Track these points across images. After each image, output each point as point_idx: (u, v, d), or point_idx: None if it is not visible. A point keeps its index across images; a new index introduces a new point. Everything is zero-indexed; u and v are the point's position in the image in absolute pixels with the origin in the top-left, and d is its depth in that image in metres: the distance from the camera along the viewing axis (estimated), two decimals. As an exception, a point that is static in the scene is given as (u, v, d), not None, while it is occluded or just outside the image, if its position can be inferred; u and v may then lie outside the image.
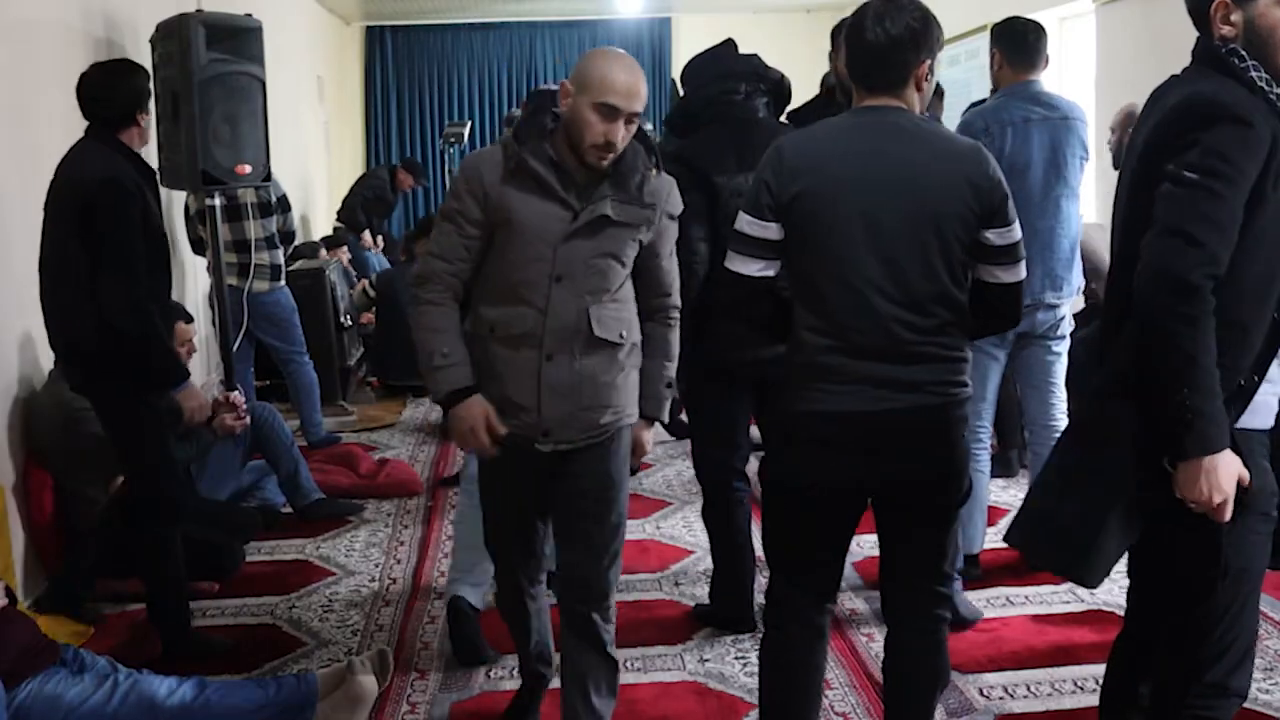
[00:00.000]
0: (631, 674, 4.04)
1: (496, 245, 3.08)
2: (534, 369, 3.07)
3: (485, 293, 3.13)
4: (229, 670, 4.10)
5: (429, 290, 3.11)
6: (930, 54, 2.81)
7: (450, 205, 3.12)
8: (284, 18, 9.55)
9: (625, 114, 2.95)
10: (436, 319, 3.11)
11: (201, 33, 5.60)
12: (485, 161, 3.10)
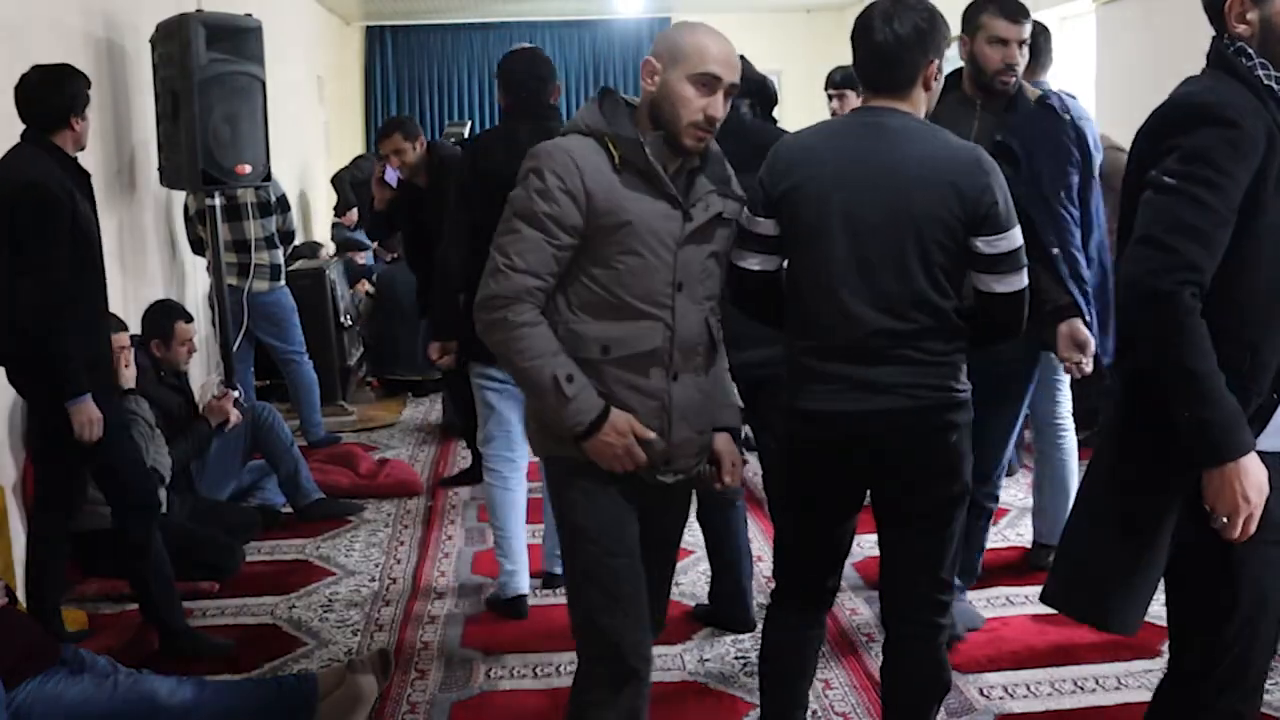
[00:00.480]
0: (631, 674, 4.04)
1: (600, 253, 2.69)
2: (662, 391, 2.75)
3: (589, 308, 2.72)
4: (229, 670, 4.10)
5: (521, 311, 2.66)
6: (939, 54, 2.81)
7: (534, 207, 2.66)
8: (284, 17, 9.55)
9: (725, 85, 2.68)
10: (542, 342, 2.67)
11: (201, 33, 5.62)
12: (579, 154, 2.69)
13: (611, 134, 2.70)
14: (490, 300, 2.69)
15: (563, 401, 2.66)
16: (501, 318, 2.67)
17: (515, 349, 2.68)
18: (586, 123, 2.75)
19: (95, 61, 5.75)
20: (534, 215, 2.66)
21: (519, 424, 4.53)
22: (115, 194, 5.94)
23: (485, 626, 4.47)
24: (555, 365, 2.66)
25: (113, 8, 5.97)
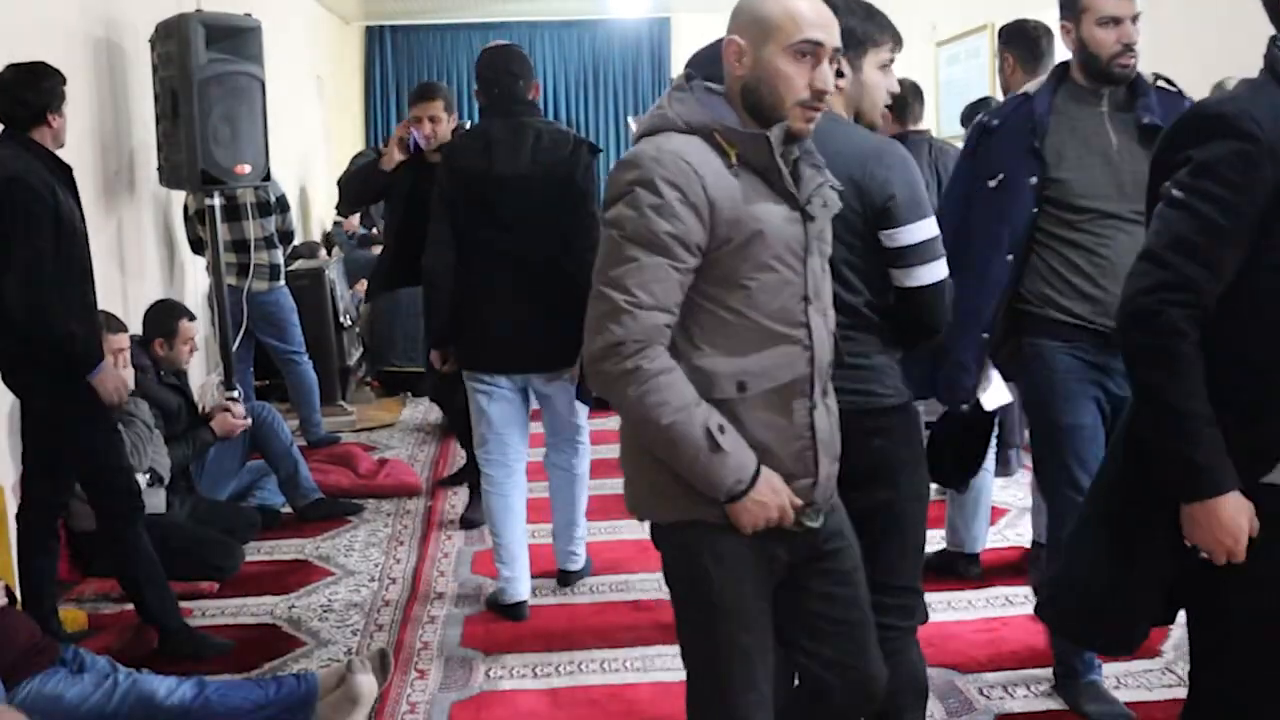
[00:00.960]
0: (632, 674, 4.05)
1: (727, 272, 2.31)
2: (805, 426, 2.39)
3: (718, 338, 2.33)
4: (229, 670, 4.09)
5: (655, 357, 2.25)
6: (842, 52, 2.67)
7: (653, 227, 2.24)
8: (283, 17, 9.55)
9: (829, 51, 2.32)
10: (683, 391, 2.26)
11: (201, 32, 5.62)
12: (695, 157, 2.29)
13: (723, 128, 2.33)
14: (616, 349, 2.25)
15: (718, 458, 2.26)
16: (634, 367, 2.24)
17: (654, 402, 2.25)
18: (685, 117, 2.36)
19: (94, 61, 5.76)
20: (654, 238, 2.24)
21: (514, 427, 4.53)
22: (114, 193, 5.94)
23: (484, 626, 4.47)
24: (703, 416, 2.26)
25: (112, 8, 5.97)
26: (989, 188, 3.50)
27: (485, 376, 4.42)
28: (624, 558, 5.04)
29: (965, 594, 4.53)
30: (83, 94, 5.50)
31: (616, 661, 4.15)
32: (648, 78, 14.10)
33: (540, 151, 4.29)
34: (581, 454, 4.68)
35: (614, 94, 14.06)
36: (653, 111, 2.43)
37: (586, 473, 4.74)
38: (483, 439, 4.53)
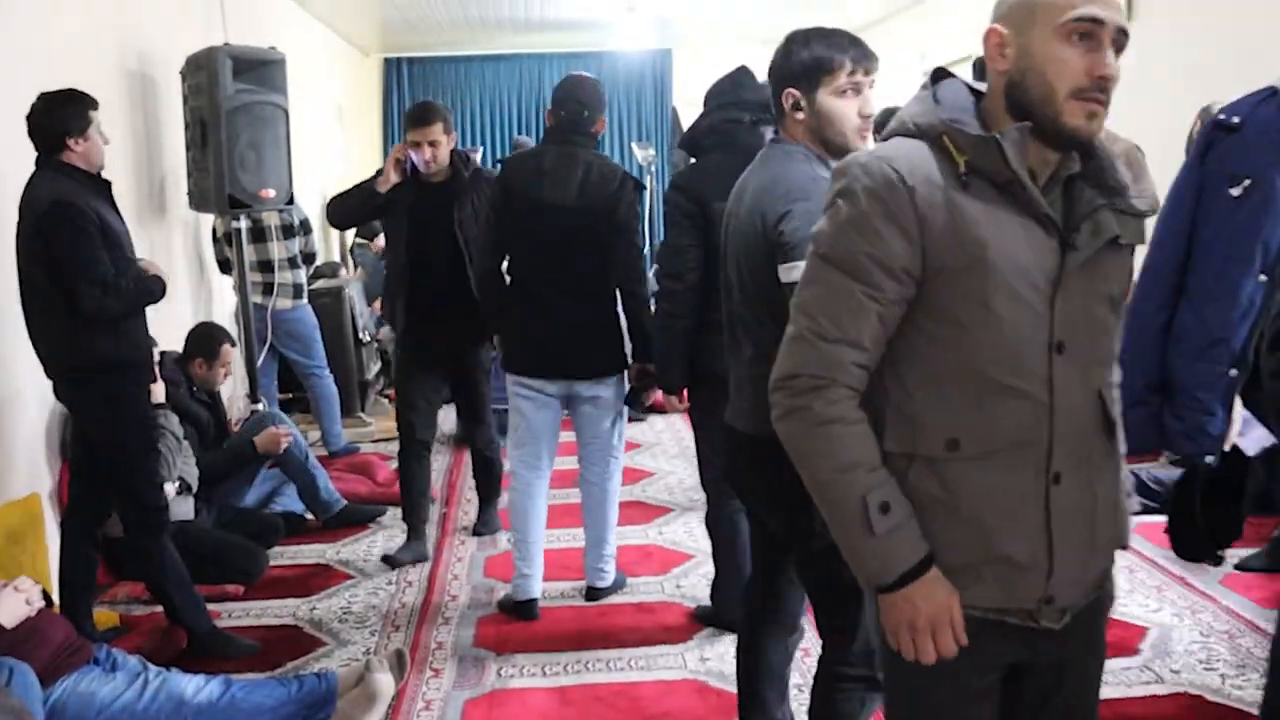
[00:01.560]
0: (636, 672, 4.03)
1: (942, 304, 1.84)
2: (1038, 498, 1.87)
3: (929, 383, 1.87)
4: (253, 669, 4.09)
5: (834, 399, 1.84)
6: (790, 84, 2.72)
7: (849, 246, 1.83)
8: (306, 50, 9.56)
9: (1112, 30, 1.81)
10: (857, 449, 1.84)
11: (229, 65, 5.64)
12: (905, 164, 1.84)
13: (950, 130, 1.85)
14: (790, 381, 1.87)
15: (864, 539, 1.83)
16: (805, 406, 1.84)
17: (814, 451, 1.86)
18: (915, 118, 1.91)
19: (129, 92, 5.77)
20: (849, 258, 1.83)
21: (549, 433, 4.57)
22: (147, 216, 5.94)
23: (496, 627, 4.46)
24: (868, 485, 1.83)
25: (146, 42, 5.98)
26: (1231, 196, 2.93)
27: (529, 381, 4.44)
28: (628, 562, 5.03)
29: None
30: (118, 123, 5.51)
31: (621, 661, 4.13)
32: (650, 106, 14.12)
33: (589, 184, 4.32)
34: (613, 470, 4.65)
35: (619, 121, 14.06)
36: (899, 113, 1.98)
37: (618, 490, 4.71)
38: (520, 441, 4.55)
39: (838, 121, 2.71)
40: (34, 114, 3.95)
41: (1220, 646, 4.05)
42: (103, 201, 3.96)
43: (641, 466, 6.70)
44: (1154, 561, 4.84)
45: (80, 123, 3.95)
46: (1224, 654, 3.99)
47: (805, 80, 2.70)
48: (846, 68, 2.69)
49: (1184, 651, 4.02)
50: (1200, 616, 4.31)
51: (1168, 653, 4.02)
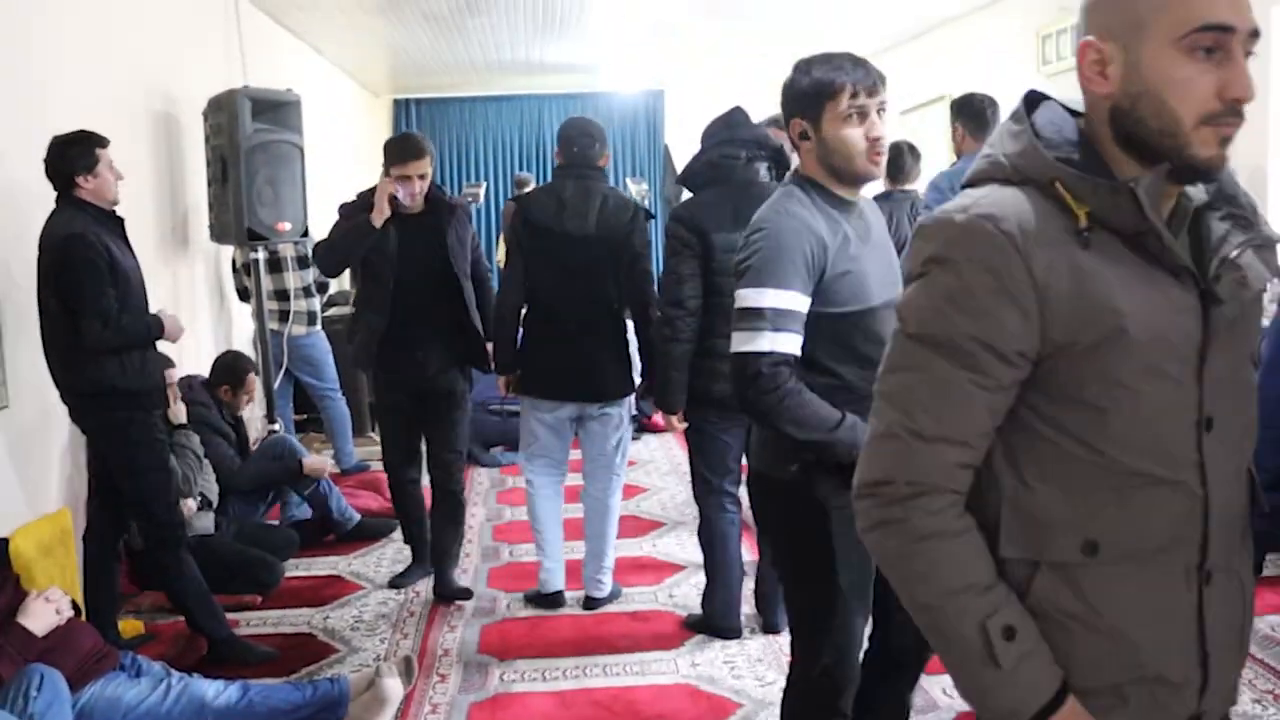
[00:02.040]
0: (630, 677, 4.04)
1: (1070, 385, 1.43)
2: (1191, 602, 1.48)
3: (1056, 477, 1.46)
4: (270, 674, 4.09)
5: (934, 509, 1.44)
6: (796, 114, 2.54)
7: (952, 327, 1.42)
8: (321, 92, 9.61)
9: (1244, 37, 1.38)
10: (964, 565, 1.44)
11: (248, 106, 5.69)
12: (1017, 223, 1.41)
13: (1066, 176, 1.42)
14: (881, 488, 1.46)
15: (988, 673, 1.43)
16: (900, 519, 1.44)
17: (917, 572, 1.45)
18: (1015, 161, 1.47)
19: (154, 132, 5.80)
20: (949, 341, 1.43)
21: (560, 448, 4.67)
22: (170, 249, 5.97)
23: (499, 634, 4.47)
24: (987, 608, 1.42)
25: (170, 85, 6.01)
26: None
27: (544, 403, 4.48)
28: (623, 572, 5.03)
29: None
30: (144, 160, 5.55)
31: (618, 666, 4.14)
32: (644, 143, 14.17)
33: (605, 214, 4.39)
34: (615, 486, 4.70)
35: (614, 158, 14.05)
36: (984, 151, 1.54)
37: (618, 505, 4.74)
38: (534, 454, 4.64)
39: (843, 148, 2.49)
40: (48, 155, 3.98)
41: None
42: (115, 237, 3.97)
43: (637, 483, 6.71)
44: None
45: (87, 161, 3.97)
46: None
47: (809, 108, 2.50)
48: (848, 90, 2.47)
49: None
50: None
51: None
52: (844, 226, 2.55)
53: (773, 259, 2.46)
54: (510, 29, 9.51)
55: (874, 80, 2.50)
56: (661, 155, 13.71)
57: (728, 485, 4.25)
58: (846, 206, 2.60)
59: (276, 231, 5.89)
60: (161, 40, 5.94)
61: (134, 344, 3.98)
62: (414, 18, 8.68)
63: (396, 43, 9.94)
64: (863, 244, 2.57)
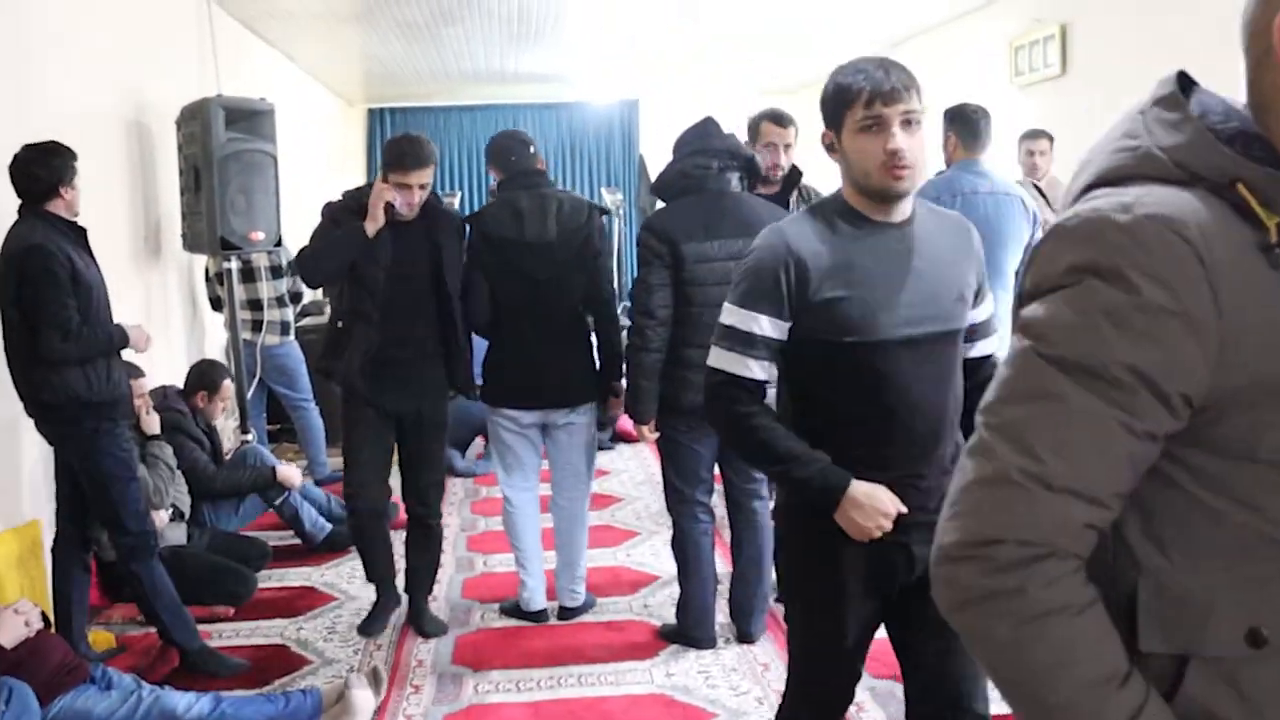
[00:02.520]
0: (605, 687, 4.03)
1: (1236, 438, 1.16)
2: None
3: (1212, 552, 1.18)
4: (242, 686, 4.06)
5: (1055, 576, 1.15)
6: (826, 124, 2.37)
7: (1106, 352, 1.13)
8: (295, 101, 9.58)
9: None
10: (1095, 648, 1.15)
11: (221, 115, 5.66)
12: (1199, 230, 1.12)
13: (1256, 175, 1.15)
14: (989, 548, 1.16)
15: None
16: (1014, 590, 1.14)
17: (1037, 658, 1.15)
18: (1181, 155, 1.17)
19: (126, 140, 5.77)
20: (1099, 367, 1.13)
21: (531, 458, 4.63)
22: (142, 258, 5.93)
23: (473, 645, 4.45)
24: (1127, 707, 1.13)
25: (142, 93, 5.98)
26: None
27: (510, 413, 4.46)
28: (598, 583, 5.03)
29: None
30: (116, 169, 5.52)
31: (592, 676, 4.13)
32: (619, 153, 14.20)
33: (563, 218, 4.38)
34: (584, 495, 4.69)
35: (589, 168, 14.14)
36: (1116, 142, 1.24)
37: (586, 513, 4.73)
38: (509, 468, 4.60)
39: (858, 160, 2.26)
40: (23, 164, 3.93)
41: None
42: (78, 248, 3.95)
43: (610, 492, 6.71)
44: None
45: (70, 174, 3.97)
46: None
47: (833, 117, 2.29)
48: (863, 98, 2.23)
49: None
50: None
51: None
52: (854, 248, 2.34)
53: (745, 277, 2.42)
54: (485, 38, 9.51)
55: (894, 86, 2.23)
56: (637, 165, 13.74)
57: (700, 495, 4.25)
58: (872, 227, 2.37)
59: (250, 241, 5.86)
60: (134, 48, 5.91)
61: (95, 355, 3.93)
62: (389, 26, 8.66)
63: (371, 51, 9.92)
64: (890, 268, 2.34)
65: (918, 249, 2.38)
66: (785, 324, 2.37)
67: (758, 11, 8.58)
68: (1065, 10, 7.34)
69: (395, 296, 4.26)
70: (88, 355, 3.91)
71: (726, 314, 2.43)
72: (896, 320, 2.33)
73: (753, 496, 4.27)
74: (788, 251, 2.35)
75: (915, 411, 2.34)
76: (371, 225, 4.17)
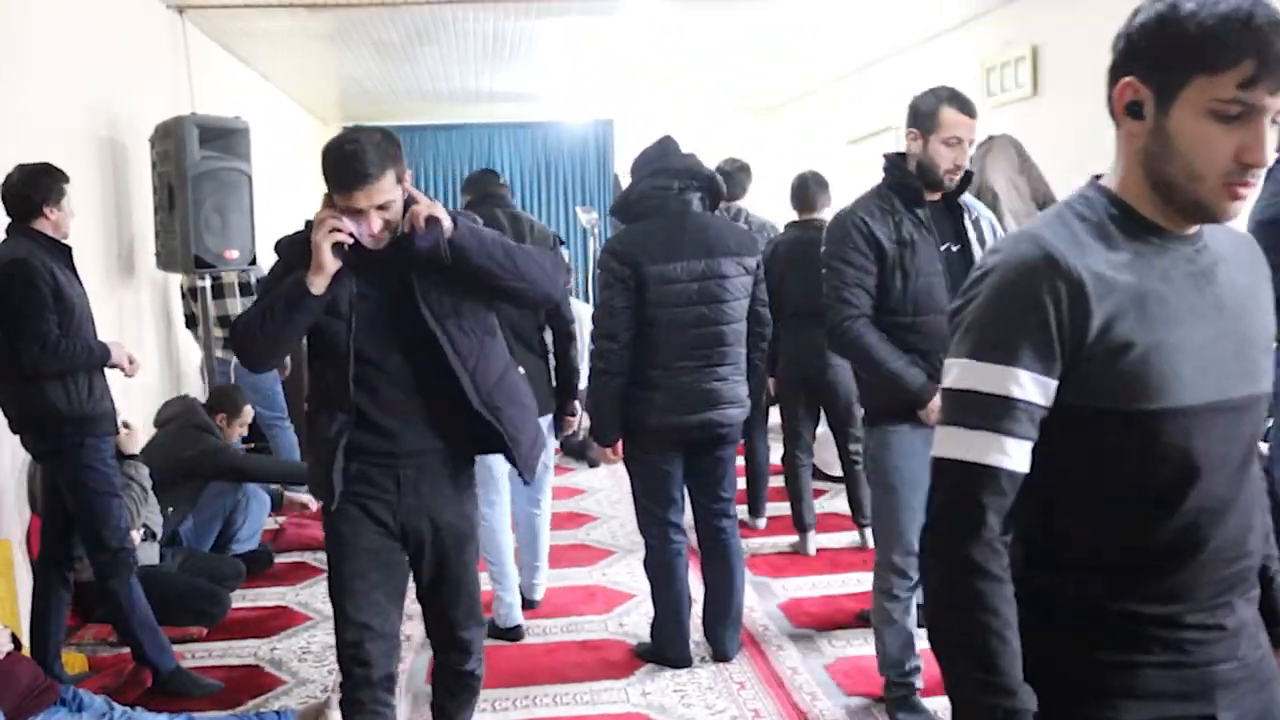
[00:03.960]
0: (580, 706, 4.02)
1: None
2: None
3: None
4: (216, 707, 4.04)
5: None
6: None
7: None
8: (269, 119, 9.55)
9: None
10: None
11: (195, 132, 5.65)
12: None
13: None
14: None
15: None
16: None
17: None
18: None
19: (99, 158, 5.74)
20: None
21: (500, 472, 4.64)
22: (116, 276, 5.89)
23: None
24: None
25: (115, 110, 5.95)
26: None
27: None
28: (573, 602, 5.02)
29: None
30: (89, 187, 5.48)
31: (568, 695, 4.12)
32: (594, 172, 14.20)
33: (533, 243, 4.42)
34: (544, 505, 4.89)
35: (564, 187, 14.13)
36: None
37: (547, 517, 4.94)
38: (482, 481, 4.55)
39: (1190, 153, 1.45)
40: (14, 185, 3.98)
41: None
42: (61, 265, 3.98)
43: (586, 511, 6.70)
44: None
45: (57, 194, 4.02)
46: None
47: (1164, 72, 1.46)
48: (1242, 69, 1.42)
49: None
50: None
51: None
52: (1143, 270, 1.53)
53: (982, 313, 1.55)
54: (460, 58, 9.51)
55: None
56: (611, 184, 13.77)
57: (671, 515, 4.25)
58: (1163, 241, 1.56)
59: (224, 259, 5.84)
60: (108, 66, 5.88)
61: (75, 368, 3.93)
62: (364, 45, 8.66)
63: (346, 70, 9.91)
64: (1191, 300, 1.54)
65: (1217, 274, 1.59)
66: (1053, 383, 1.51)
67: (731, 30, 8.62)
68: (1036, 32, 7.40)
69: (377, 358, 2.94)
70: (66, 367, 3.90)
71: (958, 374, 1.55)
72: (1206, 379, 1.53)
73: (721, 515, 4.27)
74: (1056, 270, 1.50)
75: (1227, 512, 1.55)
76: (318, 279, 2.84)
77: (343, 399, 2.92)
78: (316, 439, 2.99)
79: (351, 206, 2.83)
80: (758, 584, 5.17)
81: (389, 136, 2.87)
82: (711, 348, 4.04)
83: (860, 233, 3.45)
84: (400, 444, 2.97)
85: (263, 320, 2.91)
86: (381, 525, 3.00)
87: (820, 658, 4.30)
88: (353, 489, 2.97)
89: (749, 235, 4.29)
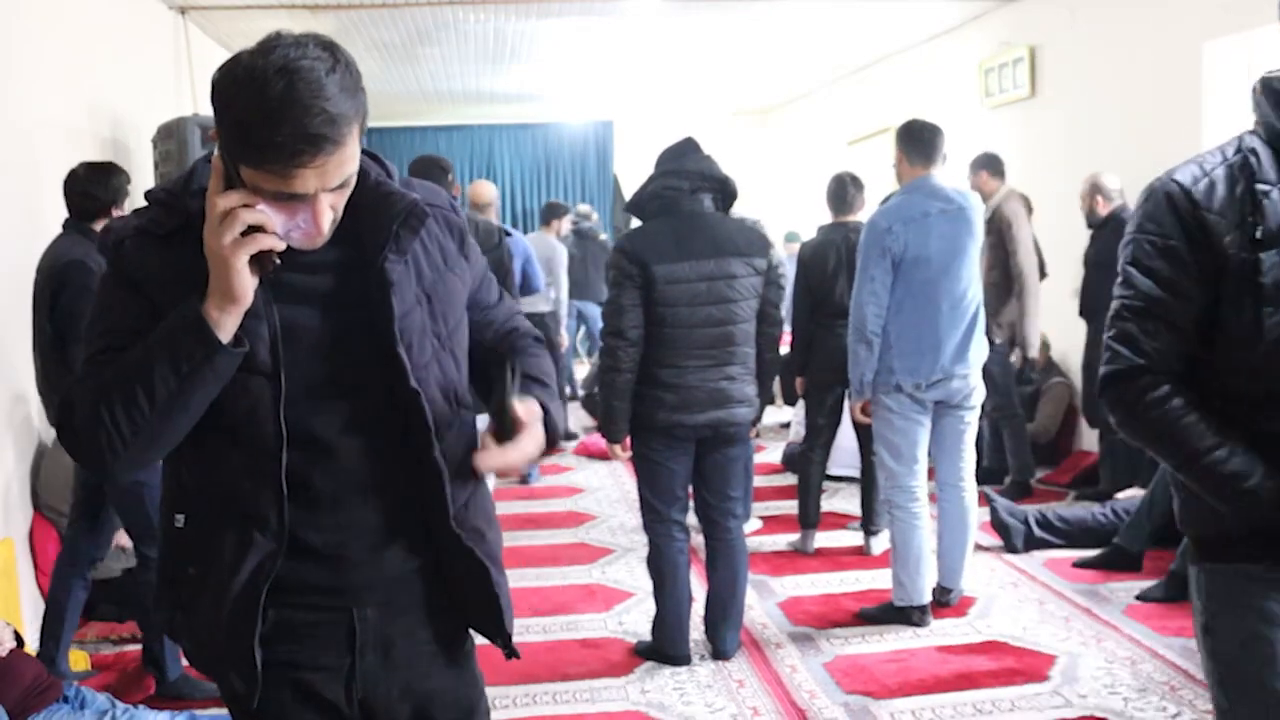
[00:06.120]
0: (580, 704, 4.01)
1: None
2: None
3: None
4: (216, 706, 4.02)
5: None
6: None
7: None
8: (271, 120, 9.56)
9: None
10: None
11: (197, 133, 5.66)
12: None
13: None
14: None
15: None
16: None
17: None
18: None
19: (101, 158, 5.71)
20: None
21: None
22: (118, 276, 5.90)
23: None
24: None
25: (118, 110, 5.95)
26: None
27: None
28: (572, 600, 5.01)
29: (875, 627, 4.53)
30: (90, 187, 5.47)
31: (568, 694, 4.11)
32: (594, 172, 14.21)
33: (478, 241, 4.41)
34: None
35: (564, 186, 14.14)
36: None
37: None
38: None
39: None
40: (83, 181, 3.95)
41: (1123, 672, 4.09)
42: None
43: (585, 510, 6.69)
44: (1062, 594, 4.90)
45: (123, 196, 4.04)
46: (1126, 679, 4.03)
47: None
48: None
49: (1090, 677, 4.06)
50: (1105, 645, 4.36)
51: (1075, 679, 4.05)
52: None
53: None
54: (461, 59, 9.51)
55: None
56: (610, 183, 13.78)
57: (675, 513, 4.25)
58: None
59: (225, 259, 5.85)
60: (111, 67, 5.88)
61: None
62: (365, 47, 8.66)
63: (347, 71, 9.92)
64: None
65: None
66: None
67: (731, 31, 8.62)
68: (1033, 33, 7.40)
69: (318, 441, 1.73)
70: None
71: None
72: None
73: (728, 515, 4.27)
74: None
75: None
76: (228, 318, 1.62)
77: (261, 509, 1.69)
78: (194, 582, 1.73)
79: (286, 190, 1.57)
80: (757, 582, 5.17)
81: (341, 57, 1.63)
82: (720, 347, 4.05)
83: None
84: (354, 571, 1.76)
85: (127, 401, 1.62)
86: (329, 712, 1.78)
87: (819, 656, 4.30)
88: (277, 657, 1.73)
89: (759, 236, 4.29)
